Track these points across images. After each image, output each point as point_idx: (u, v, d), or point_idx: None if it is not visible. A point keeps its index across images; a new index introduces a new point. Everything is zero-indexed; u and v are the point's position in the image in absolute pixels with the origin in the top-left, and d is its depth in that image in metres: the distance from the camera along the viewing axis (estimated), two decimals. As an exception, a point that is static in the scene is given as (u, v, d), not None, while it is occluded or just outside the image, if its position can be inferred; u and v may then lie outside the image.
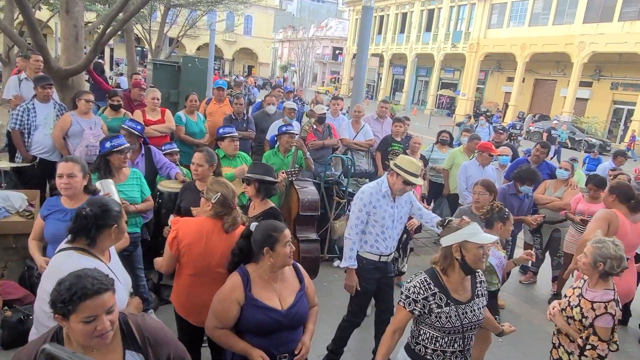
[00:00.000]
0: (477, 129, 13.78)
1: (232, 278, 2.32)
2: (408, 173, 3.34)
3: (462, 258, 2.32)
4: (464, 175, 5.83)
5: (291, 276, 2.43)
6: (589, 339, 2.64)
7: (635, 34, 23.78)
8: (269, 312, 2.24)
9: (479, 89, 35.91)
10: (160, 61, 9.82)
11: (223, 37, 46.76)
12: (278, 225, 2.32)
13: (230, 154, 4.51)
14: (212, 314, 2.31)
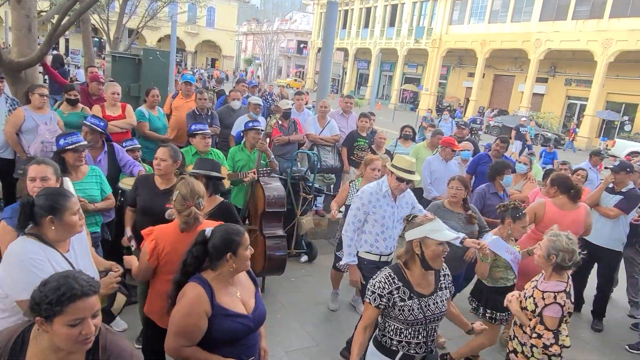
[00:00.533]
0: (440, 123, 14.09)
1: (193, 290, 2.11)
2: (400, 170, 3.39)
3: (422, 253, 2.39)
4: (427, 170, 5.94)
5: (245, 278, 2.36)
6: (536, 327, 2.74)
7: (587, 32, 24.85)
8: (238, 319, 2.16)
9: (441, 84, 36.67)
10: (119, 53, 9.48)
11: (185, 29, 45.75)
12: (237, 229, 2.23)
13: (201, 151, 4.42)
14: (175, 333, 2.09)
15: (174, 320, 2.11)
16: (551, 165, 11.86)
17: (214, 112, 6.43)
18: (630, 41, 23.00)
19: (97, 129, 4.00)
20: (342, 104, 7.41)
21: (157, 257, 2.54)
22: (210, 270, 2.19)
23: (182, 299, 2.11)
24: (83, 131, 3.95)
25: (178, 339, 2.09)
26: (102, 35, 22.56)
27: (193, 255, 2.18)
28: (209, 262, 2.19)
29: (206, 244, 2.17)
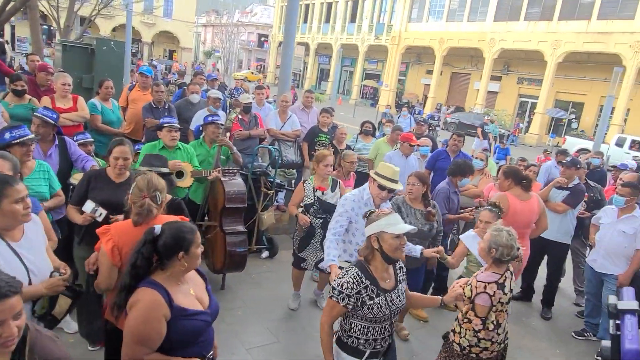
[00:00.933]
0: (399, 119, 14.33)
1: (148, 295, 1.98)
2: (383, 177, 3.36)
3: (380, 248, 2.43)
4: None
5: (193, 273, 2.26)
6: (468, 313, 2.89)
7: (538, 33, 25.92)
8: (199, 317, 2.10)
9: (401, 80, 37.28)
10: (70, 42, 9.06)
11: (141, 19, 44.15)
12: (189, 226, 2.13)
13: (168, 145, 4.27)
14: (134, 342, 1.96)
15: (131, 330, 1.97)
16: (504, 161, 12.34)
17: (172, 105, 6.26)
18: (577, 43, 24.19)
19: (49, 121, 3.80)
20: (303, 98, 7.39)
21: (120, 255, 2.37)
22: (160, 270, 2.07)
23: (136, 306, 1.97)
24: (34, 124, 3.74)
25: (138, 349, 1.97)
26: (51, 22, 21.42)
27: (143, 256, 2.04)
28: (158, 262, 2.07)
29: (156, 243, 2.06)
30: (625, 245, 4.48)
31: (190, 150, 4.46)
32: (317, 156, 4.40)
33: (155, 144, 4.30)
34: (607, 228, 4.70)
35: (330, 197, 4.36)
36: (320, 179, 4.38)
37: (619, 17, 22.67)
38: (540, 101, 26.20)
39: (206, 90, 7.49)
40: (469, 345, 2.92)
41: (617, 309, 1.37)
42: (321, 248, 4.35)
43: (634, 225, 4.48)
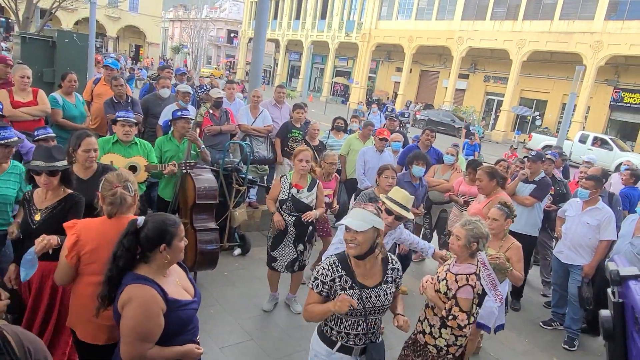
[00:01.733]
0: (369, 116, 14.41)
1: (143, 291, 1.97)
2: (394, 202, 3.30)
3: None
4: (361, 160, 6.05)
5: (174, 265, 2.24)
6: (452, 309, 2.83)
7: (503, 32, 26.57)
8: (190, 306, 2.14)
9: (371, 77, 37.54)
10: (30, 35, 8.65)
11: (106, 12, 42.82)
12: (172, 219, 2.11)
13: (122, 140, 4.08)
14: (137, 340, 1.95)
15: (132, 328, 1.94)
16: (472, 156, 12.57)
17: (135, 99, 6.06)
18: (540, 42, 24.94)
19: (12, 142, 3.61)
20: (275, 93, 7.30)
21: (78, 255, 2.28)
22: (144, 263, 2.06)
23: (132, 304, 1.95)
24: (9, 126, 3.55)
25: (142, 345, 1.96)
26: (9, 14, 20.44)
27: (124, 247, 2.02)
28: (140, 254, 2.05)
29: (138, 234, 2.03)
30: (590, 237, 4.63)
31: (148, 146, 4.27)
32: (295, 151, 4.34)
33: (110, 139, 4.10)
34: (572, 220, 4.84)
35: (305, 196, 4.26)
36: (298, 175, 4.27)
37: (580, 18, 23.51)
38: (506, 99, 26.89)
39: (175, 84, 7.31)
40: (447, 345, 2.88)
41: (619, 275, 1.35)
42: (294, 247, 4.30)
43: (597, 217, 4.63)
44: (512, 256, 3.66)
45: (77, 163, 3.21)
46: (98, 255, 2.26)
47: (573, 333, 4.74)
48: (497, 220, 3.68)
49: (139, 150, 4.13)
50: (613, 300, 1.33)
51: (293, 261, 4.32)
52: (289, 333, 4.18)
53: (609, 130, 25.34)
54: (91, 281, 2.28)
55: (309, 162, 4.23)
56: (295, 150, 4.35)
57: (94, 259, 2.28)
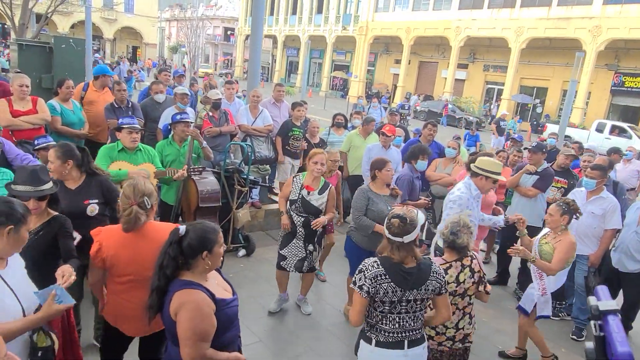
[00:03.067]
0: (370, 110, 14.38)
1: (194, 294, 2.06)
2: (494, 173, 3.76)
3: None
4: (367, 157, 6.03)
5: None
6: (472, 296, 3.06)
7: (501, 20, 26.43)
8: (233, 304, 2.25)
9: (370, 70, 37.40)
10: (27, 41, 8.64)
11: (101, 15, 42.75)
12: (211, 227, 2.19)
13: (128, 147, 4.05)
14: (197, 341, 2.04)
15: (191, 330, 2.03)
16: (474, 147, 12.53)
17: (135, 103, 6.03)
18: (539, 29, 24.79)
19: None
20: (274, 92, 7.27)
21: (103, 259, 2.47)
22: (186, 270, 2.14)
23: (185, 308, 2.04)
24: None
25: (202, 345, 2.06)
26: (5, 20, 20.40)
27: (170, 256, 2.09)
28: (182, 262, 2.13)
29: (181, 243, 2.10)
30: (595, 226, 4.61)
31: (152, 152, 4.26)
32: (310, 153, 4.29)
33: (114, 146, 4.06)
34: None
35: (315, 199, 4.19)
36: (312, 177, 4.20)
37: (578, 3, 23.36)
38: (506, 87, 26.79)
39: (173, 87, 7.29)
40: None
41: (599, 310, 1.37)
42: (303, 247, 4.28)
43: (602, 206, 4.61)
44: (557, 247, 3.77)
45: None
46: (118, 259, 2.48)
47: (580, 323, 4.72)
48: (553, 215, 3.82)
49: (144, 156, 4.12)
50: (594, 334, 1.35)
51: (302, 260, 4.27)
52: (297, 334, 4.18)
53: (611, 115, 25.23)
54: (118, 282, 2.55)
55: (323, 164, 4.18)
56: (311, 152, 4.29)
57: (114, 262, 2.48)
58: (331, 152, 5.11)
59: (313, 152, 4.27)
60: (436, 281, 2.55)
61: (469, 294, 3.02)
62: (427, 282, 2.52)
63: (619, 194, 5.23)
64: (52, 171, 3.08)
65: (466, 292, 3.00)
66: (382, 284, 2.45)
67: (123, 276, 2.50)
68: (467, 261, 3.00)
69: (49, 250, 2.63)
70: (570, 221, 3.82)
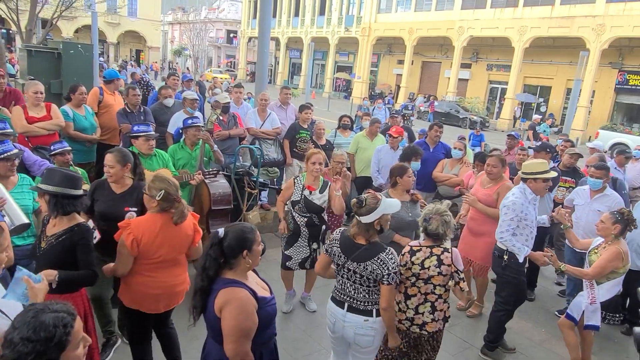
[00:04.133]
0: (375, 111, 14.41)
1: (238, 293, 2.15)
2: (541, 173, 3.88)
3: (381, 227, 2.86)
4: (376, 158, 6.11)
5: None
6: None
7: (504, 19, 26.41)
8: (272, 302, 2.35)
9: (373, 71, 37.42)
10: (35, 47, 8.76)
11: (105, 19, 42.93)
12: (249, 227, 2.31)
13: (145, 154, 4.16)
14: (241, 337, 2.13)
15: (235, 327, 2.11)
16: (479, 147, 12.54)
17: (147, 108, 6.12)
18: (542, 28, 24.76)
19: (8, 133, 3.70)
20: (280, 95, 7.34)
21: (138, 247, 2.79)
22: (229, 270, 2.23)
23: (230, 306, 2.13)
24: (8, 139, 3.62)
25: (245, 342, 2.15)
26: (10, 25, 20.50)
27: (212, 257, 2.20)
28: (224, 262, 2.22)
29: (221, 245, 2.20)
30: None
31: (166, 156, 4.37)
32: (307, 154, 4.38)
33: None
34: (582, 209, 4.87)
35: (317, 198, 4.29)
36: (312, 177, 4.31)
37: (581, 2, 23.30)
38: (510, 86, 26.75)
39: (181, 91, 7.36)
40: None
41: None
42: (308, 247, 4.36)
43: (607, 204, 4.66)
44: (603, 254, 3.78)
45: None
46: (151, 245, 2.83)
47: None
48: (604, 223, 3.84)
49: (158, 162, 4.21)
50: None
51: (305, 259, 4.39)
52: (309, 332, 4.25)
53: (615, 114, 25.17)
54: (146, 262, 2.89)
55: (321, 164, 4.27)
56: (308, 153, 4.38)
57: (147, 248, 2.82)
58: (337, 155, 5.15)
59: (310, 153, 4.35)
60: (378, 267, 2.76)
61: (432, 282, 3.06)
62: (367, 262, 2.78)
63: (618, 189, 5.31)
64: (111, 175, 3.27)
65: (430, 280, 3.05)
66: (333, 247, 2.96)
67: (153, 258, 2.86)
68: (437, 251, 3.09)
69: (67, 257, 2.65)
70: (623, 232, 3.76)
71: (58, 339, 1.39)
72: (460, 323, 4.76)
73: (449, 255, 3.06)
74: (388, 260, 2.76)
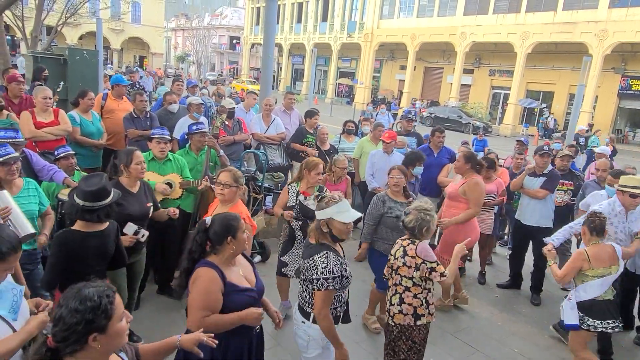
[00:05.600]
0: (377, 116, 14.44)
1: (206, 272, 2.33)
2: (633, 187, 4.03)
3: (330, 231, 2.72)
4: (370, 162, 6.13)
5: (242, 259, 2.60)
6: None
7: (507, 25, 26.49)
8: (247, 293, 2.43)
9: (375, 77, 37.53)
10: (42, 54, 8.84)
11: (109, 26, 43.27)
12: (234, 215, 2.47)
13: (158, 157, 4.21)
14: (198, 308, 2.30)
15: (195, 300, 2.31)
16: (482, 152, 12.56)
17: (153, 114, 6.16)
18: (544, 33, 24.83)
19: (20, 142, 3.73)
20: (284, 100, 7.37)
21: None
22: (214, 255, 2.39)
23: (197, 281, 2.32)
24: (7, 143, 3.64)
25: (200, 313, 2.30)
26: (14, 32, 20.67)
27: (197, 243, 2.39)
28: (211, 247, 2.39)
29: (207, 232, 2.38)
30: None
31: (182, 161, 4.40)
32: (308, 164, 4.19)
33: (146, 156, 4.20)
34: None
35: (312, 203, 4.17)
36: (307, 185, 4.22)
37: (583, 7, 23.38)
38: (512, 92, 26.79)
39: (186, 97, 7.40)
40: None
41: None
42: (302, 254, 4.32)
43: None
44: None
45: (129, 177, 3.53)
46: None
47: None
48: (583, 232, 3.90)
49: (172, 167, 4.25)
50: None
51: None
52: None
53: (618, 119, 25.16)
54: None
55: (322, 172, 4.25)
56: (310, 163, 4.21)
57: None
58: (339, 160, 5.15)
59: (314, 163, 4.16)
60: (310, 268, 2.69)
61: (400, 273, 3.13)
62: (305, 261, 2.76)
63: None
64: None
65: (397, 271, 3.14)
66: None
67: None
68: (405, 242, 3.16)
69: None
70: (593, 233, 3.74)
71: (104, 307, 1.51)
72: (466, 328, 4.76)
73: (413, 247, 3.10)
74: (319, 264, 2.63)
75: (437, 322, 4.77)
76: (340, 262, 2.71)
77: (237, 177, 3.39)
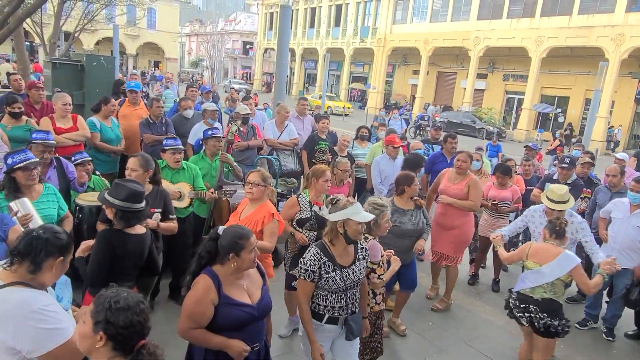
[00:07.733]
0: (390, 122, 14.43)
1: (203, 280, 2.35)
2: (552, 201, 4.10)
3: (345, 232, 2.83)
4: (376, 170, 6.09)
5: (254, 272, 2.58)
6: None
7: (521, 29, 26.27)
8: (243, 308, 2.38)
9: (388, 82, 37.48)
10: (60, 60, 8.99)
11: (125, 31, 43.91)
12: (245, 233, 2.40)
13: (172, 167, 4.26)
14: (186, 316, 2.32)
15: (186, 305, 2.33)
16: (496, 158, 12.45)
17: (168, 120, 6.23)
18: (559, 38, 24.55)
19: (51, 143, 3.82)
20: (297, 106, 7.40)
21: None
22: (219, 264, 2.39)
23: (194, 287, 2.35)
24: (36, 150, 3.72)
25: (187, 322, 2.31)
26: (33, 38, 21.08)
27: (206, 249, 2.40)
28: (217, 257, 2.39)
29: (217, 241, 2.38)
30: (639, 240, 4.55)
31: (195, 170, 4.43)
32: (316, 171, 4.03)
33: (160, 163, 4.26)
34: (620, 223, 4.70)
35: (325, 212, 4.20)
36: (318, 194, 4.06)
37: (600, 12, 23.08)
38: (527, 97, 26.53)
39: (201, 102, 7.49)
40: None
41: None
42: None
43: None
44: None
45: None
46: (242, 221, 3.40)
47: (610, 324, 4.86)
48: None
49: (185, 175, 4.30)
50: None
51: None
52: (327, 344, 4.23)
53: (636, 125, 24.75)
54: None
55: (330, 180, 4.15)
56: (318, 170, 4.05)
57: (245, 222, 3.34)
58: (341, 163, 5.02)
59: (321, 170, 4.02)
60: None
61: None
62: None
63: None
64: (132, 178, 3.33)
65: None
66: None
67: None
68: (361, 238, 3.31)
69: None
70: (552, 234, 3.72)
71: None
72: (480, 336, 4.71)
73: (365, 242, 3.26)
74: (306, 254, 2.89)
75: (451, 329, 4.76)
76: (323, 261, 2.82)
77: (265, 177, 3.55)
